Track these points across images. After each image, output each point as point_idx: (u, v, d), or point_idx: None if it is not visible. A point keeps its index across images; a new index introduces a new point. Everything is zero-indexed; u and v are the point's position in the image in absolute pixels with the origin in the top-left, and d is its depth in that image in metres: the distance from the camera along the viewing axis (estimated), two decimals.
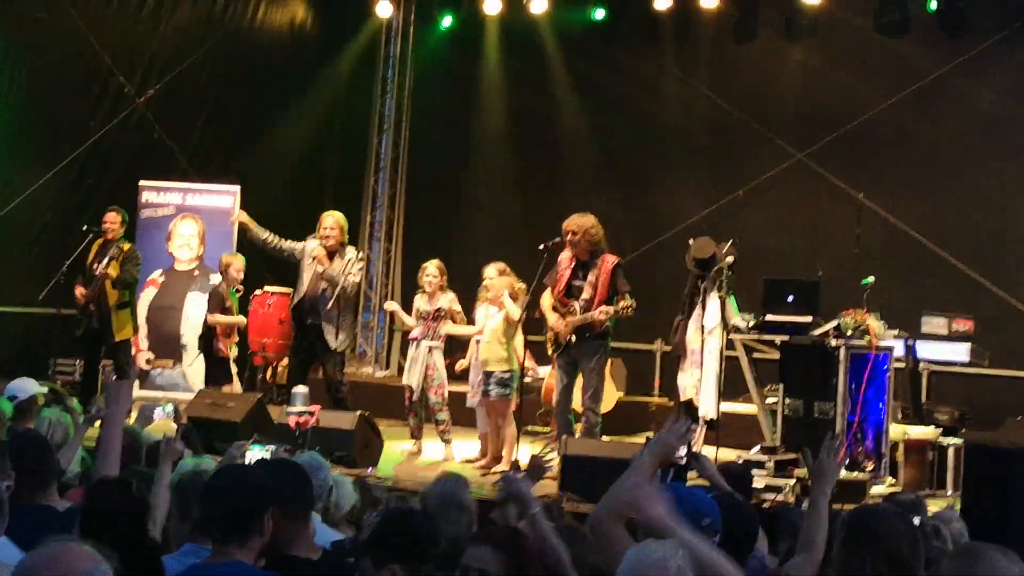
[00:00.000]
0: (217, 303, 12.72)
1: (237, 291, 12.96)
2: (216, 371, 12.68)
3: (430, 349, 11.81)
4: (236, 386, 12.78)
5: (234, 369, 13.04)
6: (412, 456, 11.81)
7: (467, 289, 12.20)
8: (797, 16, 15.07)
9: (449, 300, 11.87)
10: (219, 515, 4.39)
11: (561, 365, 11.27)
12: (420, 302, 11.99)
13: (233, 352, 13.00)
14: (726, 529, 4.41)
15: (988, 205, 14.05)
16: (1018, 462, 8.48)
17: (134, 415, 12.34)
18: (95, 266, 12.79)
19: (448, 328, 11.85)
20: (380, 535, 4.27)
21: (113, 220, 12.84)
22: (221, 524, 4.36)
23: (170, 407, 7.84)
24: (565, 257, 11.14)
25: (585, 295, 10.96)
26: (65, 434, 7.58)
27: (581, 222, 11.02)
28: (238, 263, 12.87)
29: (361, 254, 12.34)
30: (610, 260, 11.04)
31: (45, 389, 8.63)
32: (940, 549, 5.43)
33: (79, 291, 12.69)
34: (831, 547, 4.32)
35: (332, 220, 12.02)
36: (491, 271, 11.62)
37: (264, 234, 12.22)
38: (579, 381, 11.21)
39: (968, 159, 14.27)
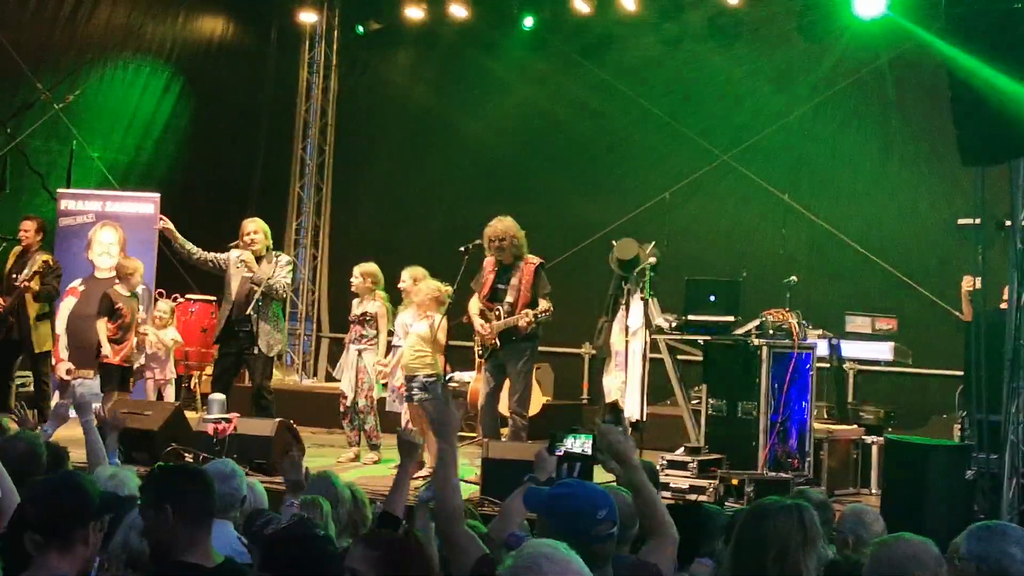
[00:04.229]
0: (106, 306, 12.42)
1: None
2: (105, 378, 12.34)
3: (360, 353, 11.73)
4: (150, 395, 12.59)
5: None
6: (348, 462, 11.64)
7: (394, 293, 12.12)
8: (720, 17, 15.10)
9: (376, 306, 11.77)
10: (42, 518, 4.21)
11: (488, 369, 11.18)
12: (354, 306, 11.91)
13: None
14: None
15: (909, 204, 14.13)
16: (933, 457, 8.51)
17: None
18: (14, 276, 12.55)
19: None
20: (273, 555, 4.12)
21: (28, 228, 12.63)
22: (42, 528, 4.19)
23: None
24: (488, 262, 11.07)
25: (509, 298, 10.89)
26: None
27: (507, 227, 10.94)
28: (142, 270, 12.65)
29: (290, 259, 12.21)
30: (532, 262, 10.98)
31: None
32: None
33: None
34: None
35: (254, 225, 11.91)
36: (405, 276, 11.56)
37: (188, 245, 11.97)
38: (506, 385, 11.14)
39: (889, 159, 14.35)
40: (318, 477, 6.39)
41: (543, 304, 10.74)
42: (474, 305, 11.08)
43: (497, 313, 10.89)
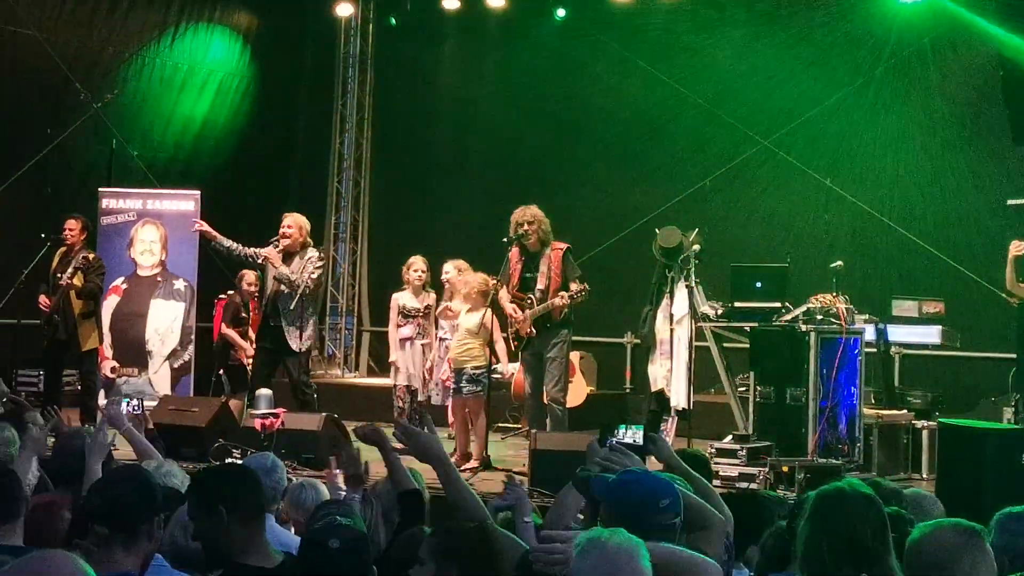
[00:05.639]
0: (231, 313, 12.61)
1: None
2: (233, 381, 12.63)
3: (423, 347, 11.75)
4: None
5: None
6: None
7: (434, 287, 12.13)
8: (758, 2, 15.00)
9: (433, 298, 11.82)
10: (108, 510, 4.17)
11: (527, 360, 11.16)
12: (406, 299, 11.88)
13: None
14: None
15: (954, 186, 13.99)
16: (990, 443, 8.41)
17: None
18: (59, 275, 12.56)
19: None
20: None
21: (73, 227, 12.62)
22: (108, 521, 4.15)
23: (136, 401, 7.59)
24: (513, 253, 11.03)
25: (540, 285, 10.87)
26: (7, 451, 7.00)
27: (534, 213, 10.93)
28: (251, 275, 12.71)
29: (322, 254, 12.16)
30: (559, 246, 10.97)
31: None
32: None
33: (43, 300, 12.46)
34: (794, 526, 4.21)
35: (289, 219, 11.79)
36: (449, 268, 11.54)
37: (227, 242, 11.88)
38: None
39: (932, 141, 14.19)
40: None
41: (575, 286, 10.71)
42: (504, 297, 11.05)
43: (530, 302, 10.86)
